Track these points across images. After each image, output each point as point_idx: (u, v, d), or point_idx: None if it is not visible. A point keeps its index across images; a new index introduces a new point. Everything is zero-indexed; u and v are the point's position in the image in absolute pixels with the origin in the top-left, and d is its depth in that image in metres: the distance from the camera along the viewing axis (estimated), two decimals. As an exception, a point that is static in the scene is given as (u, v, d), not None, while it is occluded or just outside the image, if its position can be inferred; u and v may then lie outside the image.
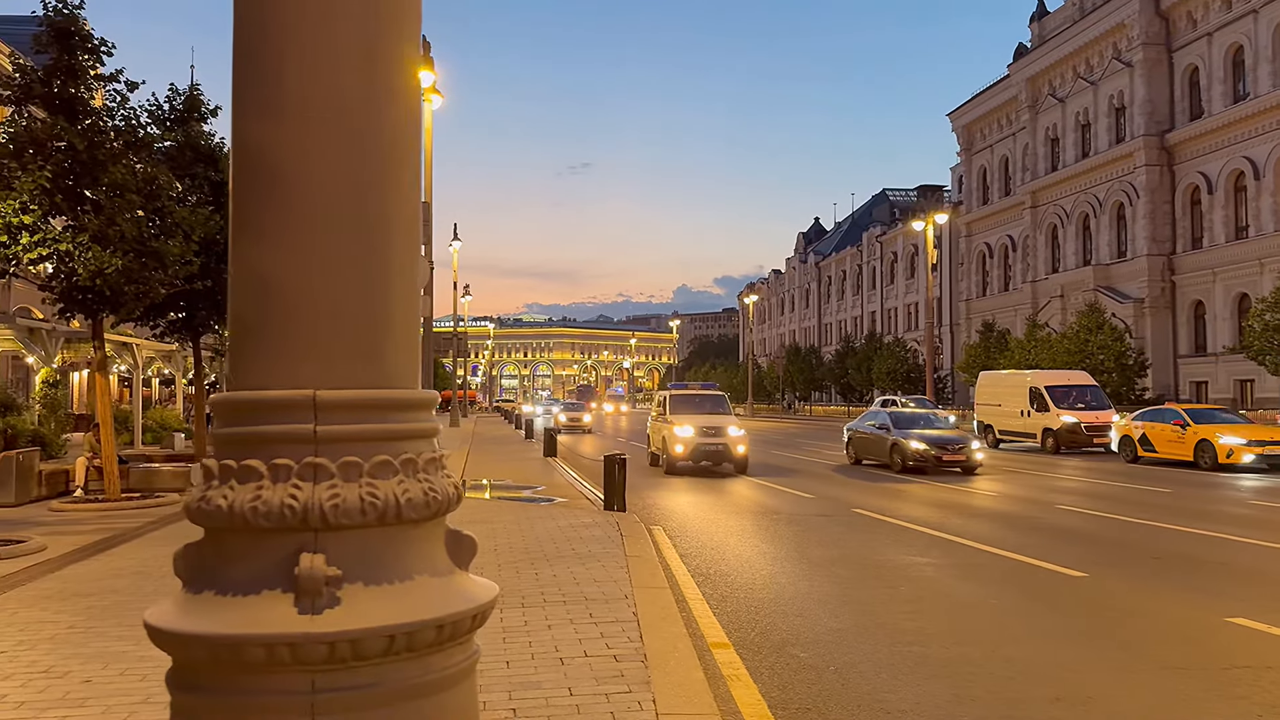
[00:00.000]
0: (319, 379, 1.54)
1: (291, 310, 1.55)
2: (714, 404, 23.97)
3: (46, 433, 22.69)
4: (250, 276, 1.58)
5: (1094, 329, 43.06)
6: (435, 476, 1.61)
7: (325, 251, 1.55)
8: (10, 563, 10.27)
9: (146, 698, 5.57)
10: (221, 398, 1.58)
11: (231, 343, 1.61)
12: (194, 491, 1.54)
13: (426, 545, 1.60)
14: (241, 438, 1.54)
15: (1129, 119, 53.76)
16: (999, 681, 6.46)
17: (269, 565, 1.48)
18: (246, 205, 1.59)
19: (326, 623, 1.43)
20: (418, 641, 1.49)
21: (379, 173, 1.60)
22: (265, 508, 1.47)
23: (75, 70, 15.53)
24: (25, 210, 14.63)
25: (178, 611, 1.51)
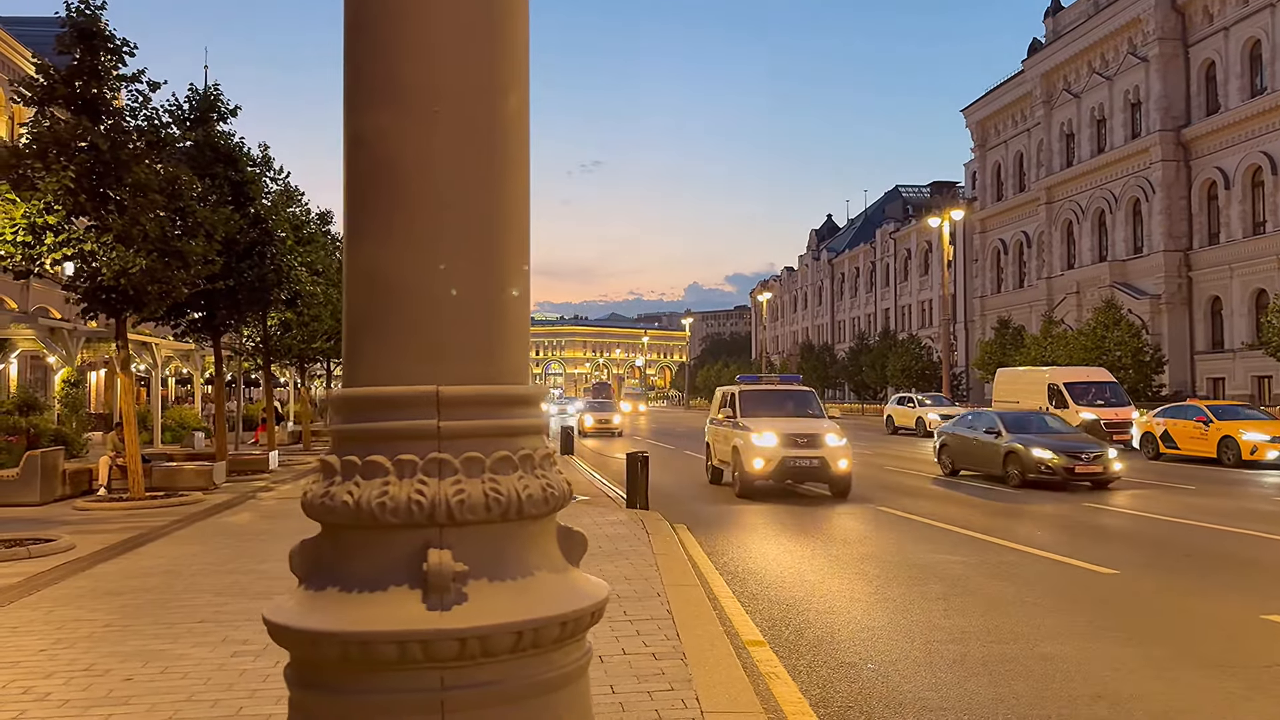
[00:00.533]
0: (437, 374, 1.53)
1: (410, 305, 1.54)
2: (800, 402, 18.92)
3: (68, 432, 22.82)
4: (366, 272, 1.57)
5: (1111, 325, 42.82)
6: (550, 472, 1.61)
7: (444, 245, 1.55)
8: (41, 561, 10.32)
9: (189, 696, 5.59)
10: (341, 394, 1.57)
11: (347, 339, 1.60)
12: (315, 487, 1.53)
13: (544, 541, 1.59)
14: (364, 434, 1.53)
15: (1145, 114, 53.44)
16: (1038, 679, 6.43)
17: (395, 561, 1.47)
18: (362, 199, 1.58)
19: (456, 619, 1.43)
20: (543, 638, 1.48)
21: (496, 164, 1.59)
22: (392, 504, 1.46)
23: (98, 71, 15.60)
24: (49, 210, 14.70)
25: (300, 608, 1.50)
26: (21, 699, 5.55)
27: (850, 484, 16.96)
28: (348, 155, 1.60)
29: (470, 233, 1.56)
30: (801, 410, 18.39)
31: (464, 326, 1.55)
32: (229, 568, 9.84)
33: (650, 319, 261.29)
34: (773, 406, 18.24)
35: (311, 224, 27.04)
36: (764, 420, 17.25)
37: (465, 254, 1.55)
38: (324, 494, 1.51)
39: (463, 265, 1.55)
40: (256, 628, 7.19)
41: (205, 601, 8.18)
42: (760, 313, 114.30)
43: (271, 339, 26.47)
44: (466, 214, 1.55)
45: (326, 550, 1.54)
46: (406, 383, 1.52)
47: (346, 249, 1.59)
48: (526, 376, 1.63)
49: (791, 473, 16.88)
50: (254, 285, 20.15)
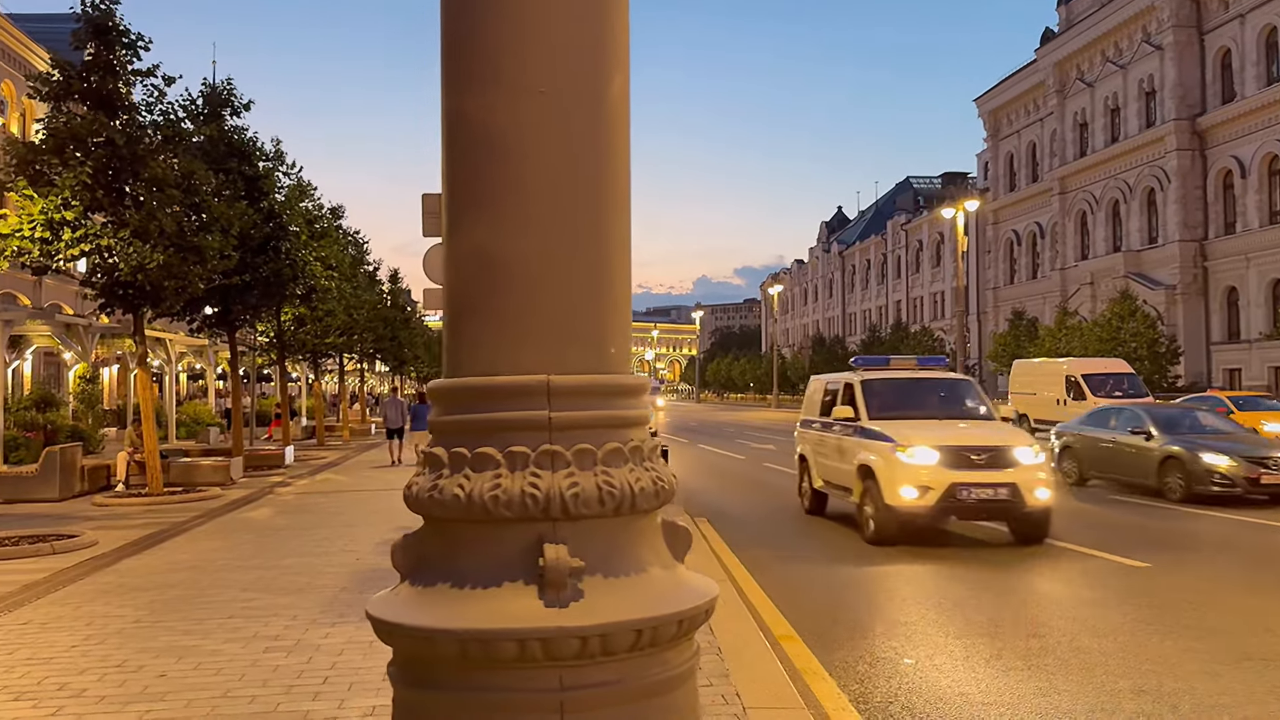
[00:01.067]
0: (545, 363, 1.47)
1: (517, 292, 1.48)
2: (955, 396, 13.17)
3: (84, 428, 22.88)
4: (471, 257, 1.50)
5: (1126, 316, 42.58)
6: (658, 464, 1.54)
7: (553, 229, 1.48)
8: (65, 557, 10.32)
9: (225, 692, 5.55)
10: (445, 383, 1.51)
11: (450, 326, 1.53)
12: (421, 480, 1.47)
13: (653, 536, 1.53)
14: (472, 425, 1.46)
15: (1159, 103, 53.08)
16: (1078, 672, 6.35)
17: (508, 556, 1.41)
18: (466, 183, 1.51)
19: (575, 616, 1.36)
20: (660, 636, 1.42)
21: (603, 148, 1.52)
22: (506, 497, 1.40)
23: (113, 65, 15.58)
24: (67, 206, 14.68)
25: (409, 605, 1.44)
26: (58, 695, 5.52)
27: (1049, 521, 11.31)
28: (448, 135, 1.54)
29: (579, 216, 1.49)
30: (959, 408, 12.74)
31: (573, 313, 1.49)
32: (253, 563, 9.82)
33: (659, 312, 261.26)
34: (916, 403, 12.65)
35: (324, 219, 27.01)
36: (908, 425, 11.64)
37: (574, 237, 1.49)
38: (432, 487, 1.45)
39: (571, 249, 1.49)
40: (286, 623, 7.16)
41: (232, 597, 8.15)
42: (771, 305, 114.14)
43: (285, 334, 26.47)
44: (576, 197, 1.49)
45: (433, 545, 1.48)
46: (514, 371, 1.46)
47: (449, 233, 1.52)
48: (629, 364, 1.56)
49: (964, 508, 11.09)
50: (269, 280, 20.14)
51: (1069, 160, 61.09)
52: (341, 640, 6.63)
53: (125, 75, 15.66)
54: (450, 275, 1.53)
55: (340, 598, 8.06)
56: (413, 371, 58.94)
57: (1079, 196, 60.06)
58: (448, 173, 1.53)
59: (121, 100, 15.60)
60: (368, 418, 41.77)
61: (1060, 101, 62.00)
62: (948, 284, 77.81)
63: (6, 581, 8.91)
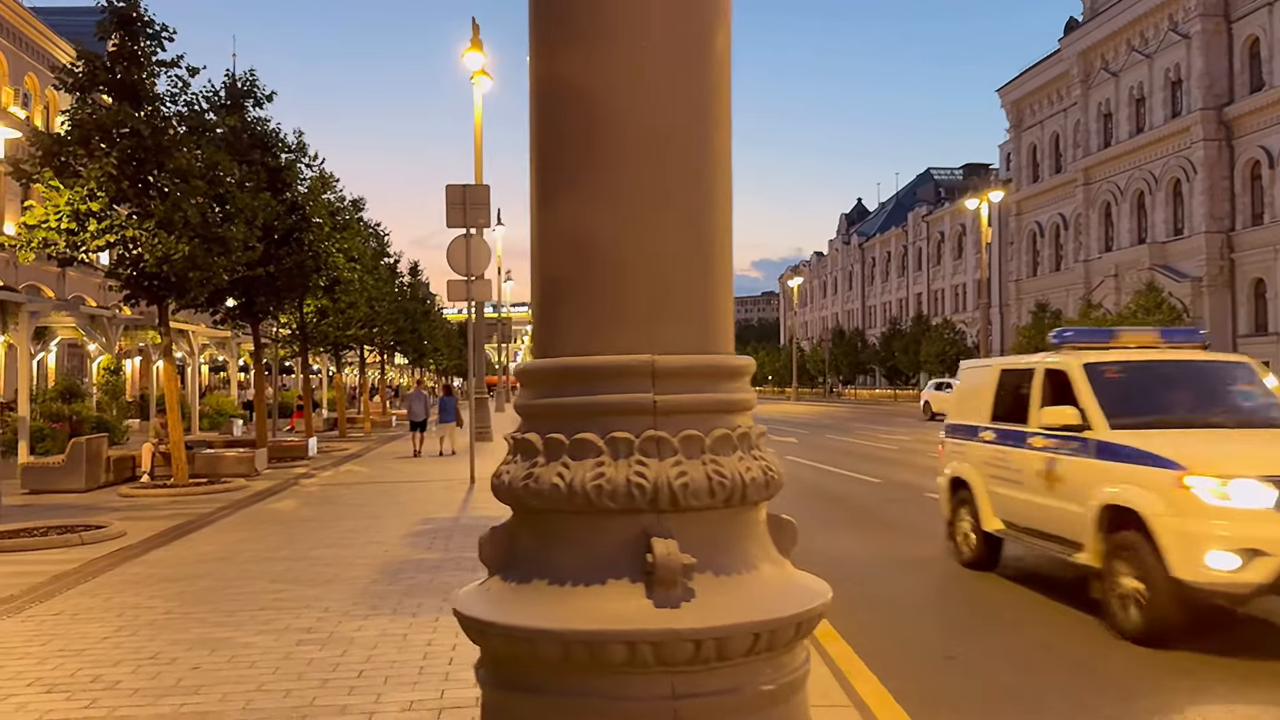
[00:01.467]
0: (645, 343, 1.35)
1: (615, 267, 1.36)
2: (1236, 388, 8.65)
3: (109, 419, 22.96)
4: (565, 231, 1.39)
5: (1152, 309, 42.12)
6: (766, 452, 1.42)
7: (653, 200, 1.37)
8: (94, 547, 10.30)
9: (259, 686, 5.48)
10: (537, 364, 1.39)
11: (541, 305, 1.42)
12: (513, 469, 1.36)
13: (761, 530, 1.41)
14: (569, 408, 1.35)
15: (1186, 92, 52.41)
16: (1129, 676, 6.19)
17: (611, 551, 1.30)
18: (559, 149, 1.40)
19: (688, 617, 1.25)
20: (778, 640, 1.30)
21: (705, 110, 1.41)
22: (610, 487, 1.29)
23: (137, 56, 15.55)
24: (92, 197, 14.68)
25: (503, 603, 1.33)
26: (91, 688, 5.47)
27: None
28: (538, 101, 1.42)
29: (682, 184, 1.38)
30: (1249, 408, 8.34)
31: (676, 288, 1.37)
32: (281, 555, 9.77)
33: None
34: (1181, 401, 8.24)
35: (346, 211, 26.98)
36: (1190, 439, 7.26)
37: (676, 207, 1.37)
38: (528, 476, 1.33)
39: (672, 220, 1.37)
40: (317, 615, 7.09)
41: (262, 589, 8.09)
42: (790, 298, 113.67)
43: (308, 326, 26.49)
44: (679, 164, 1.37)
45: (527, 538, 1.37)
46: (612, 352, 1.34)
47: (539, 207, 1.41)
48: (732, 344, 1.44)
49: None
50: (292, 272, 20.12)
51: (1093, 151, 60.46)
52: (375, 633, 6.56)
53: (149, 66, 15.63)
54: (541, 251, 1.42)
55: (371, 589, 7.99)
56: (432, 364, 59.05)
57: (1103, 188, 59.44)
58: (538, 142, 1.42)
59: (146, 91, 15.58)
60: (388, 410, 41.82)
61: (1084, 91, 61.34)
62: (970, 276, 77.26)
63: (36, 572, 8.90)
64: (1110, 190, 58.73)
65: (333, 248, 21.73)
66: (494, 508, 13.30)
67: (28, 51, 38.27)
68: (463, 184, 17.72)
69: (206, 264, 15.41)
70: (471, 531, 11.09)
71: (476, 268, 17.12)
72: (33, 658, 6.10)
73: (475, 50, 23.55)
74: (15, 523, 11.79)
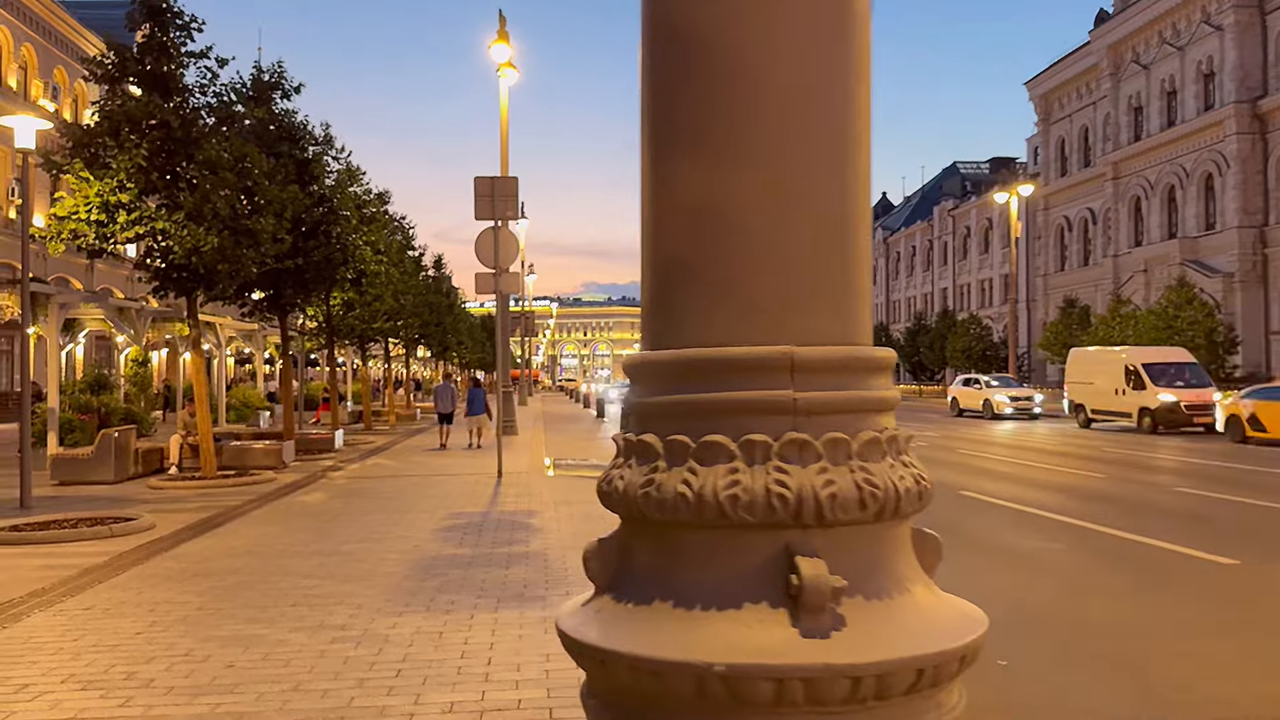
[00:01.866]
0: (774, 332, 1.18)
1: (744, 243, 1.19)
2: None
3: (137, 411, 23.00)
4: (685, 200, 1.22)
5: (1183, 304, 41.49)
6: (914, 459, 1.25)
7: (788, 166, 1.19)
8: (124, 540, 10.25)
9: (296, 685, 5.35)
10: (653, 357, 1.23)
11: (653, 289, 1.26)
12: (629, 474, 1.20)
13: (907, 547, 1.24)
14: (694, 406, 1.18)
15: (1218, 85, 51.60)
16: (1185, 679, 5.98)
17: (747, 571, 1.14)
18: (676, 108, 1.23)
19: (842, 650, 1.08)
20: (942, 675, 1.14)
21: (844, 67, 1.23)
22: (747, 497, 1.12)
23: (167, 47, 15.50)
24: (122, 189, 14.65)
25: (620, 627, 1.16)
26: (126, 685, 5.36)
27: None
28: (653, 47, 1.25)
29: (819, 151, 1.21)
30: None
31: (814, 269, 1.20)
32: (311, 549, 9.67)
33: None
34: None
35: (373, 204, 26.92)
36: None
37: (814, 174, 1.20)
38: (647, 483, 1.17)
39: (812, 189, 1.20)
40: (350, 612, 6.98)
41: (294, 584, 7.99)
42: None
43: (334, 319, 26.48)
44: (820, 125, 1.21)
45: (644, 553, 1.20)
46: (741, 342, 1.17)
47: (653, 179, 1.24)
48: (870, 335, 1.27)
49: None
50: (320, 264, 20.06)
51: (1123, 145, 59.66)
52: (409, 631, 6.43)
53: (179, 57, 15.57)
54: (655, 224, 1.25)
55: (403, 585, 7.88)
56: (455, 357, 59.06)
57: (1133, 182, 58.66)
58: (651, 96, 1.25)
59: (175, 82, 15.53)
60: (412, 403, 41.83)
61: (1114, 85, 60.53)
62: (996, 271, 76.54)
63: (67, 565, 8.84)
64: (1140, 184, 57.96)
65: (360, 241, 21.67)
66: (523, 503, 13.19)
67: (57, 45, 38.48)
68: (491, 176, 17.60)
69: (235, 256, 15.36)
70: (501, 527, 10.96)
71: (505, 260, 16.99)
72: (65, 653, 6.02)
73: (502, 42, 23.42)
74: (45, 514, 11.77)
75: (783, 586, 1.11)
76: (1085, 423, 30.86)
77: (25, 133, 13.24)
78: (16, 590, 7.79)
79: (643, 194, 1.28)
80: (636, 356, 1.27)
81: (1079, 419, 30.81)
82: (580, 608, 1.25)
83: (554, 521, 11.34)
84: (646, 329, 1.28)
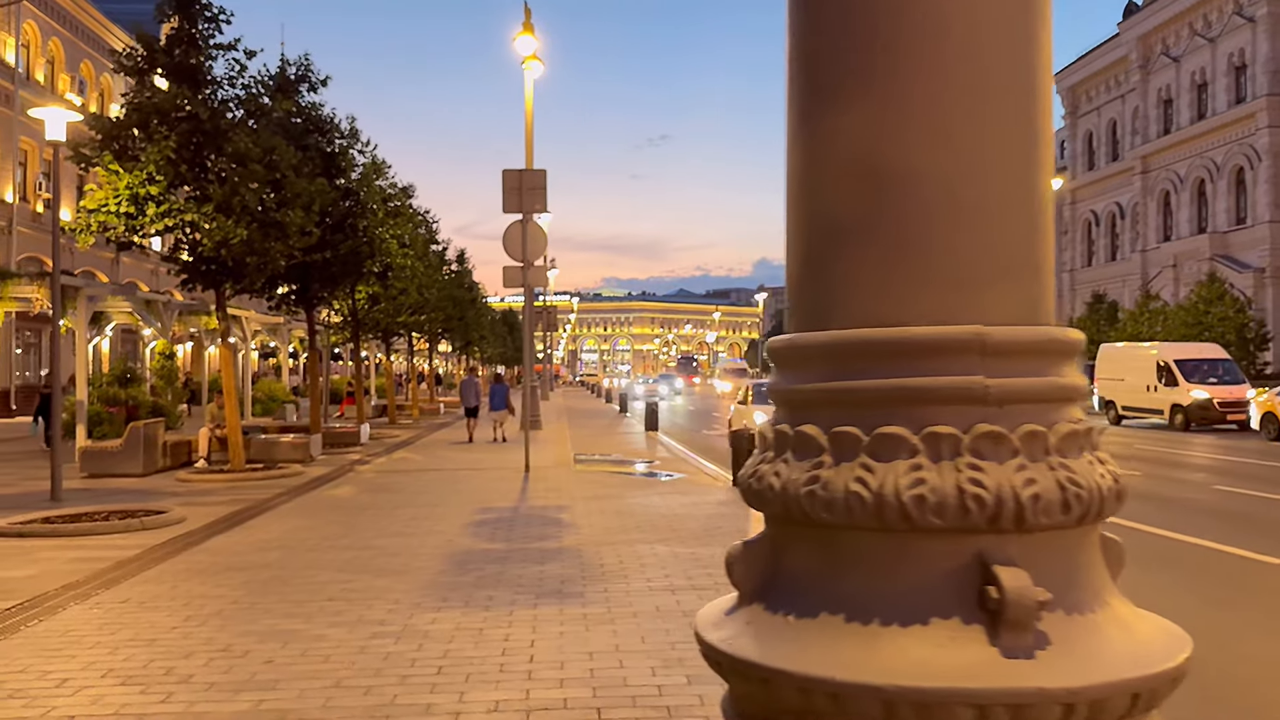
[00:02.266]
0: (962, 309, 1.04)
1: (922, 205, 1.05)
2: None
3: (164, 404, 23.09)
4: (848, 155, 1.08)
5: (1213, 300, 40.93)
6: (1108, 454, 1.11)
7: (975, 117, 1.05)
8: (155, 533, 10.22)
9: (337, 682, 5.26)
10: (809, 339, 1.09)
11: (807, 258, 1.12)
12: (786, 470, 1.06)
13: (1099, 556, 1.10)
14: (867, 395, 1.05)
15: (1250, 78, 50.82)
16: (1248, 684, 5.79)
17: (933, 581, 1.00)
18: (838, 48, 1.08)
19: (1051, 672, 0.95)
20: (1155, 700, 1.00)
21: (1031, 6, 1.09)
22: (936, 498, 0.98)
23: (195, 39, 15.47)
24: (151, 181, 14.63)
25: (780, 641, 1.03)
26: (166, 681, 5.29)
27: None
28: None
29: (1006, 103, 1.07)
30: None
31: (1002, 236, 1.06)
32: (344, 543, 9.60)
33: (719, 294, 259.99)
34: None
35: (398, 197, 26.89)
36: None
37: (999, 126, 1.06)
38: (812, 480, 1.03)
39: (997, 143, 1.06)
40: (388, 607, 6.89)
41: (329, 578, 7.91)
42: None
43: (360, 312, 26.47)
44: (1005, 69, 1.06)
45: (804, 559, 1.07)
46: (919, 320, 1.03)
47: (804, 119, 1.11)
48: (1053, 315, 1.13)
49: None
50: (347, 258, 20.02)
51: (1152, 138, 58.91)
52: (449, 626, 6.33)
53: (207, 49, 15.54)
54: (807, 182, 1.11)
55: (439, 580, 7.78)
56: (477, 352, 59.08)
57: (1162, 176, 57.93)
58: (803, 33, 1.10)
59: (204, 74, 15.51)
60: (435, 397, 41.87)
61: (1143, 77, 59.76)
62: (1020, 266, 75.86)
63: (100, 557, 8.81)
64: (1169, 178, 57.23)
65: (386, 234, 21.62)
66: (552, 498, 13.09)
67: (83, 39, 38.68)
68: (519, 169, 17.49)
69: (264, 249, 15.32)
70: (532, 522, 10.86)
71: (533, 254, 16.87)
72: (104, 647, 5.95)
73: (527, 34, 23.28)
74: (76, 507, 11.78)
75: (975, 599, 0.98)
76: (1115, 419, 30.48)
77: (56, 124, 13.23)
78: (51, 583, 7.75)
79: (791, 149, 1.14)
80: (788, 338, 1.13)
81: (1109, 415, 30.43)
82: (724, 617, 1.12)
83: (584, 517, 11.23)
84: (797, 303, 1.14)
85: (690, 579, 7.71)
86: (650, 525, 10.50)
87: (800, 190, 1.12)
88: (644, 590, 7.32)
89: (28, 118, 31.89)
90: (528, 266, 17.07)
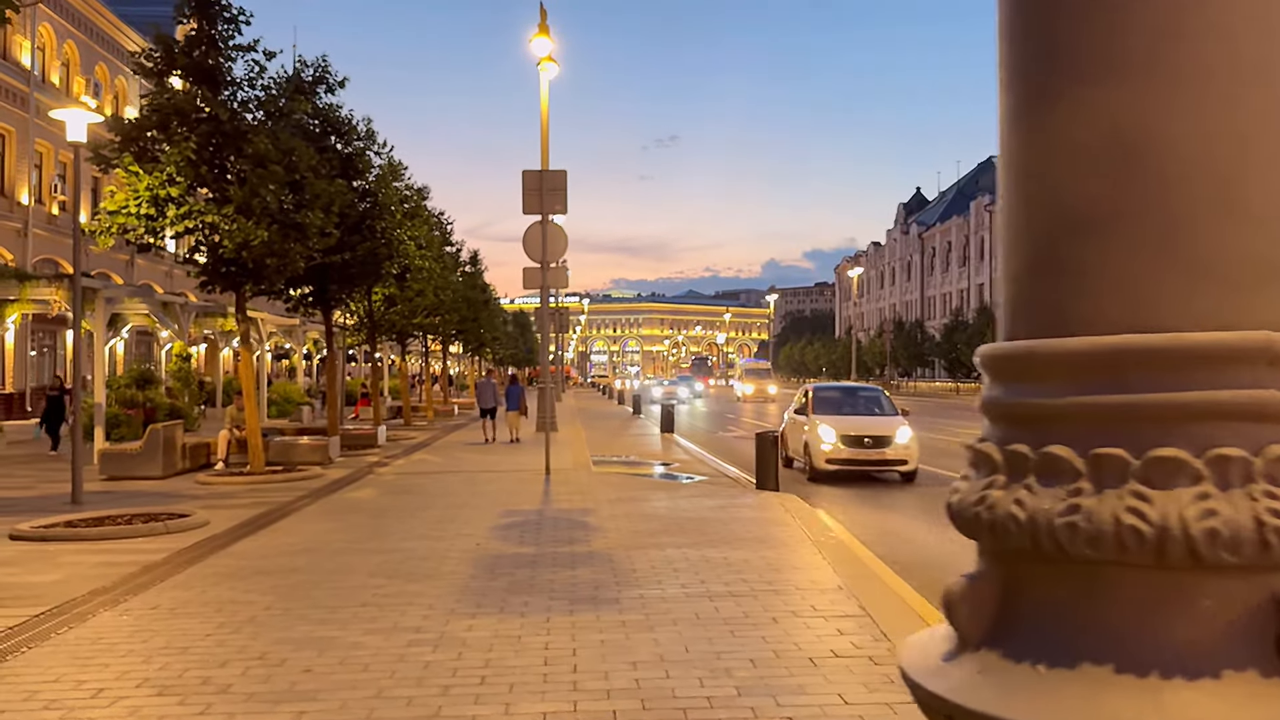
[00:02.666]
0: (1242, 313, 0.91)
1: (1190, 191, 0.92)
2: None
3: (182, 406, 23.03)
4: (1091, 129, 0.94)
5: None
6: None
7: (1254, 88, 0.92)
8: (180, 537, 10.13)
9: (378, 692, 5.14)
10: (1050, 346, 0.96)
11: (1035, 249, 0.99)
12: (1028, 498, 0.93)
13: None
14: (1133, 411, 0.91)
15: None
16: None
17: (1221, 626, 0.87)
18: (1076, 24, 0.95)
19: None
20: None
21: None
22: (1229, 530, 0.85)
23: (215, 40, 15.41)
24: (171, 182, 14.57)
25: (1038, 695, 0.90)
26: (203, 691, 5.17)
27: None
28: None
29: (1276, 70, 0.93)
30: None
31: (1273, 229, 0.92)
32: (370, 546, 9.49)
33: (728, 296, 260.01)
34: None
35: (414, 199, 26.80)
36: None
37: (1273, 105, 0.93)
38: (1070, 510, 0.90)
39: (1272, 125, 0.92)
40: (423, 613, 6.77)
41: (360, 583, 7.80)
42: (850, 289, 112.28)
43: (375, 314, 26.41)
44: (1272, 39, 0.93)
45: (1053, 599, 0.93)
46: (1190, 323, 0.90)
47: (1033, 106, 0.97)
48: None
49: None
50: (365, 259, 19.94)
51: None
52: (487, 634, 6.21)
53: (227, 50, 15.48)
54: (1041, 178, 0.98)
55: (471, 586, 7.66)
56: (489, 353, 59.03)
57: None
58: (1033, 13, 0.98)
59: (224, 75, 15.44)
60: (449, 399, 41.81)
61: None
62: (1034, 267, 75.55)
63: (126, 562, 8.72)
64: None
65: (404, 235, 21.54)
66: (575, 500, 12.97)
67: (98, 41, 38.72)
68: (539, 169, 17.38)
69: (283, 250, 15.25)
70: (559, 525, 10.74)
71: (553, 254, 16.76)
72: (137, 655, 5.84)
73: (543, 35, 23.18)
74: (97, 510, 11.70)
75: (1268, 646, 0.85)
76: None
77: (77, 126, 13.16)
78: (79, 588, 7.65)
79: (1013, 134, 1.01)
80: (1016, 346, 1.00)
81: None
82: (946, 664, 0.99)
83: (610, 520, 11.11)
84: (1022, 305, 1.01)
85: (727, 585, 7.57)
86: (678, 528, 10.37)
87: (1028, 179, 0.99)
88: (680, 597, 7.19)
89: (43, 120, 31.96)
90: (547, 267, 16.96)
